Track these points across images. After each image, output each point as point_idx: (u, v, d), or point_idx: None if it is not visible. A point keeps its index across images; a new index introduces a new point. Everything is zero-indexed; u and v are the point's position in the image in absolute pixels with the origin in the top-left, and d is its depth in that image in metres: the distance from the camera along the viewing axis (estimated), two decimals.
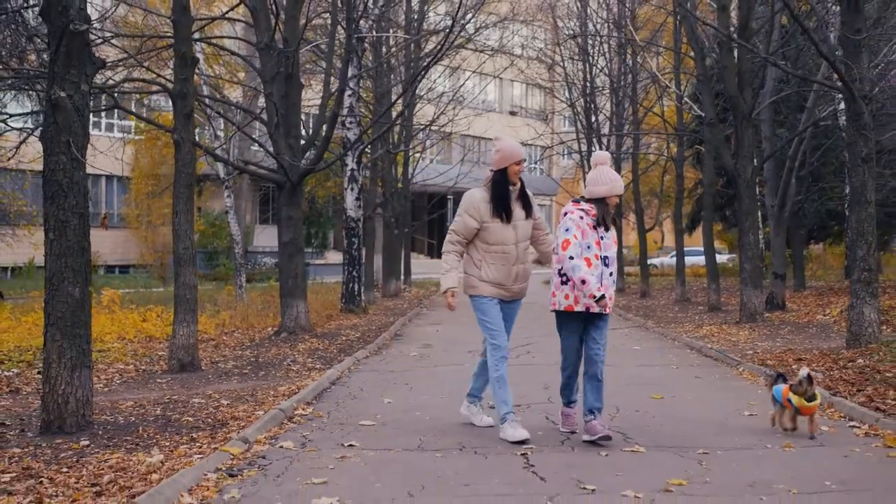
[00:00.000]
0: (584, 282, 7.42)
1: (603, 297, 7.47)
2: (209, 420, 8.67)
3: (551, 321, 8.02)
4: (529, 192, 8.19)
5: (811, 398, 7.58)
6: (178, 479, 6.18)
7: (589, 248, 7.60)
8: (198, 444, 7.53)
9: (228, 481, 6.40)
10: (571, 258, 7.52)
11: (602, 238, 7.66)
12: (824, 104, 21.35)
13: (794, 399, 7.63)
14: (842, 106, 18.94)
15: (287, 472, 6.69)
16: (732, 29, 19.41)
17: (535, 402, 9.63)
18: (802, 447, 7.39)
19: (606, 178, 7.69)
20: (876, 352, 12.10)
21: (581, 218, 7.65)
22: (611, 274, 7.69)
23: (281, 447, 7.49)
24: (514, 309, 8.25)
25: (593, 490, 6.06)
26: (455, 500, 5.89)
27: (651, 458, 7.00)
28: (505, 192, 7.96)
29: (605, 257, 7.65)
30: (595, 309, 7.56)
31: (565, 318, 7.79)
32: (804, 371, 7.63)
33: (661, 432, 7.92)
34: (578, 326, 7.78)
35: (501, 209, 7.92)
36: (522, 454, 7.17)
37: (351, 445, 7.56)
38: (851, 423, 8.32)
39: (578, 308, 7.63)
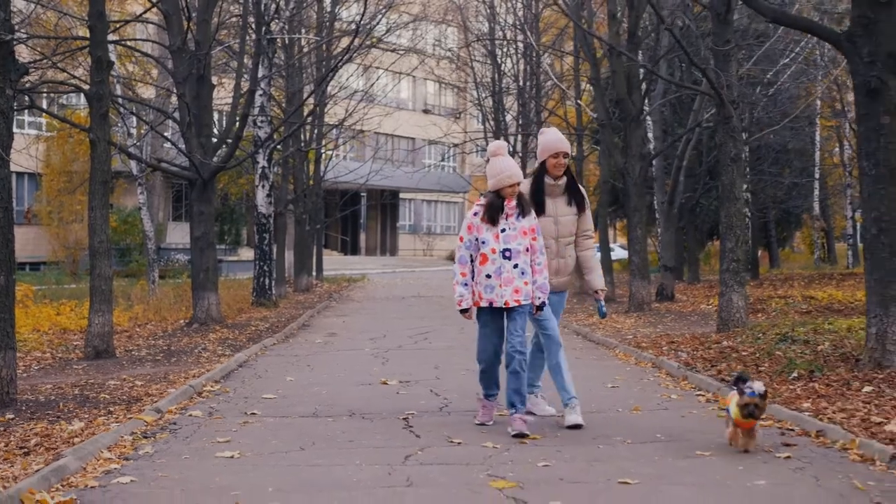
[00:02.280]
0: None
1: (466, 310, 7.62)
2: (124, 397, 9.48)
3: (451, 312, 8.69)
4: (582, 188, 8.10)
5: (751, 415, 6.60)
6: (98, 439, 7.08)
7: (484, 243, 7.55)
8: (115, 416, 8.37)
9: (143, 441, 7.33)
10: (454, 262, 7.85)
11: (503, 231, 7.54)
12: (712, 107, 22.68)
13: (732, 408, 6.75)
14: None
15: (195, 434, 7.63)
16: (625, 34, 20.60)
17: (423, 378, 10.64)
18: (649, 411, 8.52)
19: (495, 171, 7.58)
20: (740, 335, 13.34)
21: (475, 214, 7.65)
22: (515, 266, 7.52)
23: (190, 415, 8.43)
24: (558, 301, 8.16)
25: (459, 443, 7.12)
26: (339, 451, 6.93)
27: None
28: (537, 186, 7.92)
29: (506, 250, 7.52)
30: (497, 303, 7.54)
31: (479, 313, 7.71)
32: (757, 387, 6.69)
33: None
34: (495, 321, 7.70)
35: (533, 202, 7.85)
36: (404, 418, 8.19)
37: (253, 413, 8.52)
38: (698, 393, 9.50)
39: (483, 304, 7.61)
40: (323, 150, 33.18)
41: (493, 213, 7.58)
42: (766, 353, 11.27)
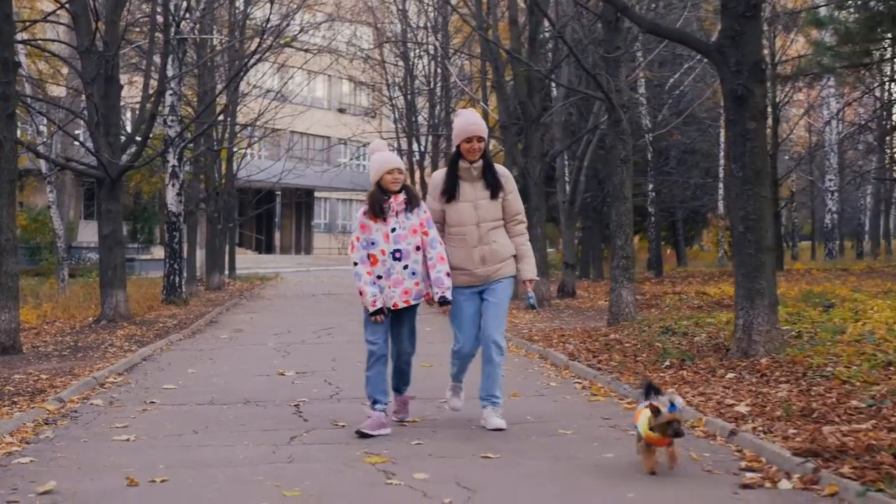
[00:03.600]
0: (361, 293, 7.33)
1: (380, 311, 7.30)
2: (29, 389, 9.83)
3: (357, 309, 8.17)
4: (500, 171, 7.64)
5: (677, 433, 5.97)
6: (1, 426, 7.48)
7: (373, 244, 7.32)
8: (18, 406, 8.76)
9: (44, 427, 7.79)
10: (356, 264, 7.38)
11: (393, 230, 7.30)
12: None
13: (641, 426, 6.11)
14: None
15: (95, 420, 8.10)
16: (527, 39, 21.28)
17: (320, 370, 11.18)
18: (526, 397, 9.18)
19: (373, 164, 7.40)
20: (628, 328, 14.09)
21: (364, 214, 7.39)
22: (405, 267, 7.31)
23: (92, 404, 8.88)
24: (496, 293, 7.58)
25: (343, 426, 7.67)
26: (230, 434, 7.47)
27: None
28: (451, 170, 7.57)
29: (396, 251, 7.30)
30: (386, 304, 7.35)
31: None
32: (678, 400, 6.04)
33: (418, 388, 9.44)
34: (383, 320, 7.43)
35: (444, 188, 7.57)
36: (295, 405, 8.72)
37: (152, 402, 8.99)
38: (576, 381, 10.17)
39: (378, 304, 7.30)
40: (235, 149, 33.37)
41: (375, 206, 7.29)
42: (646, 345, 11.99)
